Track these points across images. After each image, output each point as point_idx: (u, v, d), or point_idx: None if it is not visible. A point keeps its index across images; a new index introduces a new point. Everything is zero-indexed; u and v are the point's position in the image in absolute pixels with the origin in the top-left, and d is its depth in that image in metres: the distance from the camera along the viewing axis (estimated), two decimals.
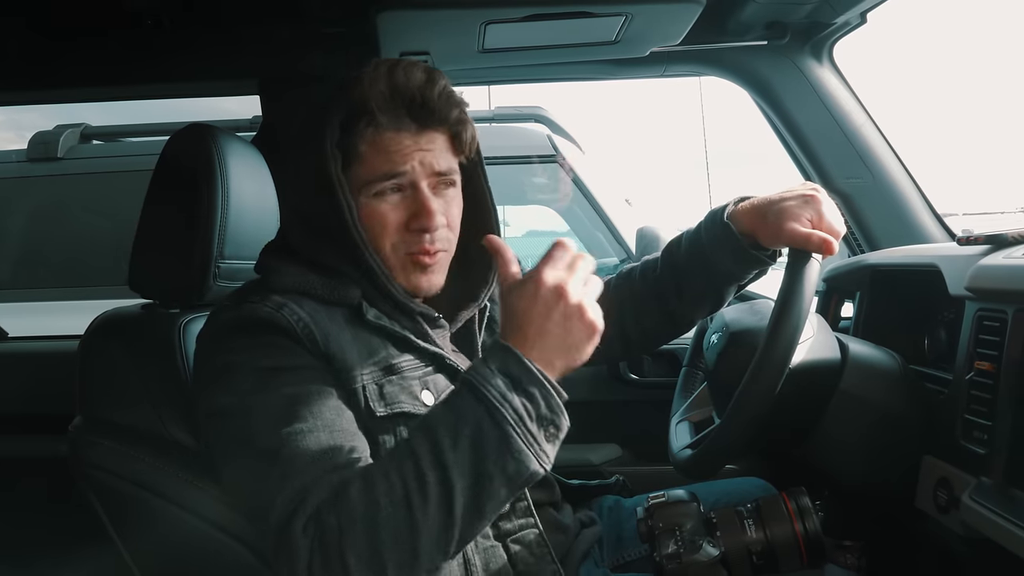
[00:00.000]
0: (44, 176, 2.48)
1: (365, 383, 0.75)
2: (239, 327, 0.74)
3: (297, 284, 0.77)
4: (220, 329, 0.76)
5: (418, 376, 0.80)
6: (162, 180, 0.91)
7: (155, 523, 0.82)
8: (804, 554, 0.80)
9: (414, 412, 0.77)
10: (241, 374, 0.72)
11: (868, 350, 0.97)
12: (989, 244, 0.95)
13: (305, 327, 0.74)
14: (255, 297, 0.76)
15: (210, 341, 0.77)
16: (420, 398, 0.78)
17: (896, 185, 1.40)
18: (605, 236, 2.41)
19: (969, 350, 0.89)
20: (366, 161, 0.78)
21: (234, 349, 0.73)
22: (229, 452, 0.71)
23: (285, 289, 0.77)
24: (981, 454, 0.83)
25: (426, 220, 0.78)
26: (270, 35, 1.29)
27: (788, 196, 0.84)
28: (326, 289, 0.78)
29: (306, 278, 0.78)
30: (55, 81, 1.36)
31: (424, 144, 0.78)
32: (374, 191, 0.79)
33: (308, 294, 0.77)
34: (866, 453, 0.94)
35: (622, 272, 1.05)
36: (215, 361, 0.75)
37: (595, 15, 1.11)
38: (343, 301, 0.78)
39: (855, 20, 1.31)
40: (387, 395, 0.76)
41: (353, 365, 0.75)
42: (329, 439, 0.69)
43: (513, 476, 0.63)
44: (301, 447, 0.67)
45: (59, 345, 1.59)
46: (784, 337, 0.77)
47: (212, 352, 0.76)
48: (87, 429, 0.86)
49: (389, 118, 0.77)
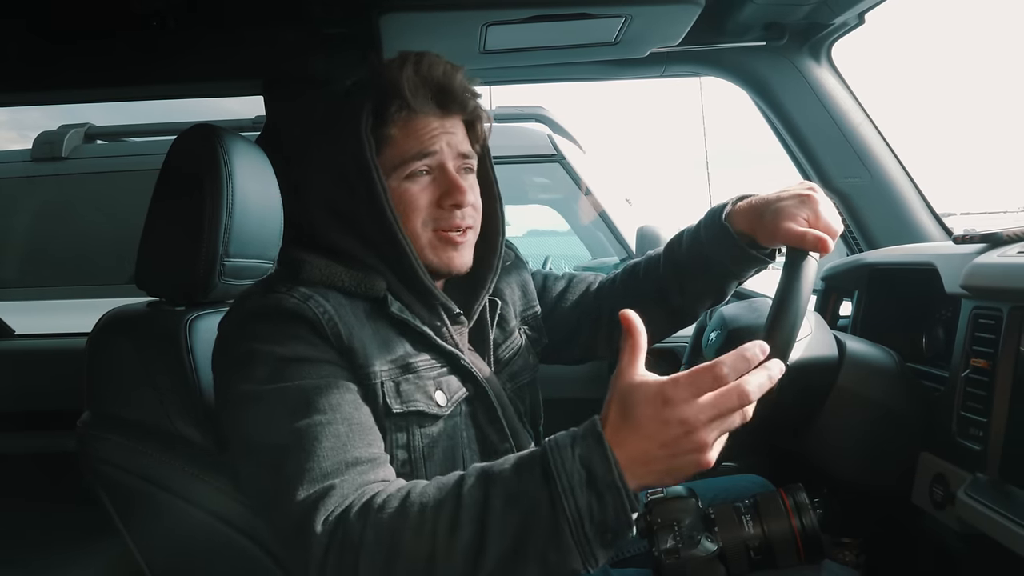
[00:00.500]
0: (49, 176, 2.49)
1: (383, 379, 0.77)
2: (264, 315, 0.75)
3: (324, 276, 0.78)
4: (245, 316, 0.77)
5: (432, 376, 0.81)
6: (168, 180, 0.92)
7: (163, 517, 0.83)
8: (801, 550, 0.81)
9: (427, 411, 0.79)
10: (262, 362, 0.72)
11: (865, 347, 0.98)
12: (985, 242, 0.96)
13: (330, 320, 0.75)
14: (282, 287, 0.77)
15: (234, 328, 0.77)
16: (434, 398, 0.80)
17: (894, 184, 1.41)
18: (606, 235, 2.42)
19: (965, 348, 0.90)
20: (397, 144, 0.81)
21: (257, 337, 0.74)
22: (247, 439, 0.72)
23: (312, 281, 0.78)
24: (977, 450, 0.84)
25: (459, 196, 0.81)
26: (273, 36, 1.30)
27: (785, 196, 0.85)
28: (353, 281, 0.79)
29: (333, 270, 0.79)
30: (60, 82, 1.37)
31: (448, 127, 0.83)
32: (406, 173, 0.81)
33: (334, 286, 0.78)
34: (863, 450, 0.95)
35: (626, 267, 1.07)
36: (237, 348, 0.75)
37: (595, 16, 1.12)
38: (369, 293, 0.79)
39: (853, 21, 1.32)
40: (403, 393, 0.78)
41: (373, 361, 0.76)
42: (348, 432, 0.70)
43: (552, 566, 0.59)
44: (321, 437, 0.68)
45: (64, 343, 1.60)
46: (782, 334, 0.78)
47: (235, 339, 0.76)
48: (95, 424, 0.87)
49: (419, 103, 0.81)
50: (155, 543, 0.85)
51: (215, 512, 0.81)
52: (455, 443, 0.82)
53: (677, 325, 1.05)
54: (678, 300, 0.99)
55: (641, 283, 1.03)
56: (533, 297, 1.04)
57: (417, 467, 0.78)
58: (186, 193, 0.90)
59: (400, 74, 0.80)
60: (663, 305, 1.01)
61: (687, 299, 0.99)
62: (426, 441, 0.79)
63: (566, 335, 1.06)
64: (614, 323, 1.04)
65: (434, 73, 0.82)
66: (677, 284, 0.99)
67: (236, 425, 0.73)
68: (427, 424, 0.79)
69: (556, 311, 1.06)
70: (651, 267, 1.02)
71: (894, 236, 1.39)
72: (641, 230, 1.80)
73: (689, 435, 0.57)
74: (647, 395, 0.59)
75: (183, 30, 1.25)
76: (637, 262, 1.06)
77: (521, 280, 1.03)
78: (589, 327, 1.05)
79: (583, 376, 1.55)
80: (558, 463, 0.60)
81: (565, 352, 1.07)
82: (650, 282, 1.01)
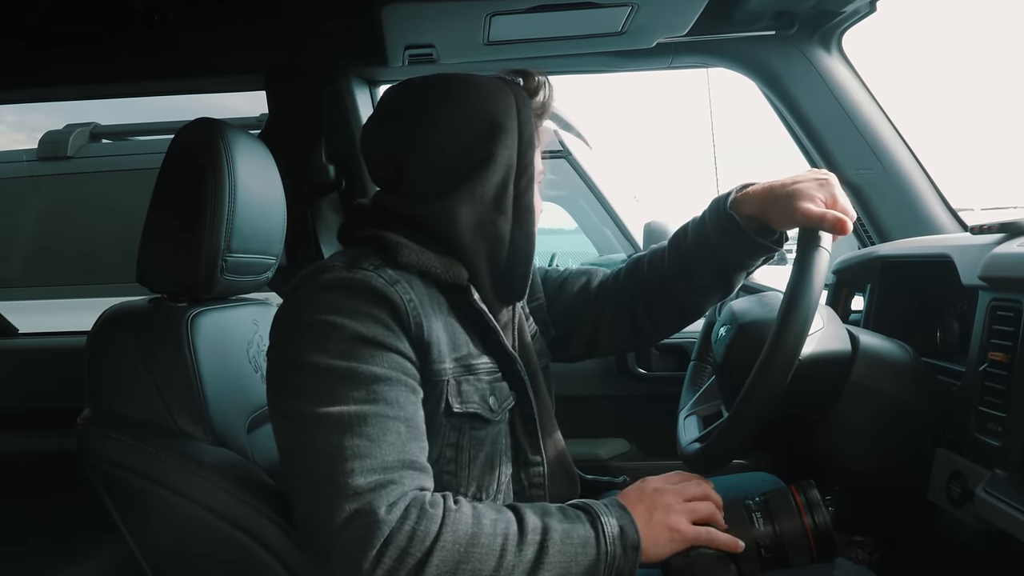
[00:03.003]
0: (54, 175, 2.50)
1: (449, 378, 0.76)
2: (348, 289, 0.71)
3: (418, 261, 0.76)
4: (322, 287, 0.72)
5: (488, 381, 0.80)
6: (169, 174, 0.92)
7: (163, 514, 0.82)
8: (814, 547, 0.79)
9: (482, 414, 0.78)
10: (338, 335, 0.69)
11: (879, 341, 0.96)
12: (1003, 232, 0.93)
13: (414, 308, 0.73)
14: (368, 265, 0.74)
15: (310, 295, 0.73)
16: (488, 402, 0.79)
17: (907, 176, 1.38)
18: (613, 232, 2.41)
19: (983, 341, 0.87)
20: (531, 146, 0.84)
21: (337, 309, 0.70)
22: (305, 411, 0.68)
23: (403, 265, 0.76)
24: (995, 446, 0.82)
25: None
26: (276, 30, 1.29)
27: (801, 179, 0.84)
28: (443, 267, 0.77)
29: (426, 256, 0.77)
30: (62, 79, 1.37)
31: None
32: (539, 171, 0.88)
33: (423, 272, 0.76)
34: (877, 446, 0.93)
35: (630, 262, 1.05)
36: (312, 316, 0.71)
37: (601, 5, 1.10)
38: (456, 280, 0.78)
39: (864, 8, 1.29)
40: (463, 393, 0.77)
41: (444, 357, 0.75)
42: (407, 432, 0.69)
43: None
44: (386, 429, 0.67)
45: (68, 341, 1.60)
46: (794, 328, 0.76)
47: (310, 307, 0.72)
48: (96, 422, 0.86)
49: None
50: (156, 540, 0.84)
51: (216, 509, 0.80)
52: (496, 450, 0.81)
53: (684, 321, 1.03)
54: (685, 294, 0.98)
55: (646, 278, 1.01)
56: (538, 288, 1.03)
57: (461, 467, 0.77)
58: (188, 188, 0.89)
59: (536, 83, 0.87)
60: (670, 299, 0.99)
61: (694, 292, 0.98)
62: (474, 443, 0.78)
63: (565, 332, 1.04)
64: (617, 318, 1.02)
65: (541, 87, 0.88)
66: (683, 277, 0.97)
67: (296, 395, 0.70)
68: (478, 428, 0.78)
69: (554, 308, 1.04)
70: (656, 261, 1.00)
71: (907, 229, 1.36)
72: (648, 226, 1.79)
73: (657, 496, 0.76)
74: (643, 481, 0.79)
75: (184, 26, 1.25)
76: (641, 256, 1.04)
77: None
78: (589, 323, 1.04)
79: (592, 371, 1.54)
80: (603, 514, 0.71)
81: (563, 348, 1.05)
82: (655, 277, 1.00)
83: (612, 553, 0.69)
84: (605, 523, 0.70)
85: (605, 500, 0.75)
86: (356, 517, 0.62)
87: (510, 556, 0.65)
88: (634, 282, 1.02)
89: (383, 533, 0.62)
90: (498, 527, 0.67)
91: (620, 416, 1.56)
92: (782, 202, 0.83)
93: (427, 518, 0.64)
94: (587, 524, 0.70)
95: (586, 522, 0.70)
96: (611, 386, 1.55)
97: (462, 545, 0.64)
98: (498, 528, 0.66)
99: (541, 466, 0.85)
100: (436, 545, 0.63)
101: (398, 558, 0.62)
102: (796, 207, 0.80)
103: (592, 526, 0.70)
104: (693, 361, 1.22)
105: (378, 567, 0.61)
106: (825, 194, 0.81)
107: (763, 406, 0.77)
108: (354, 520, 0.62)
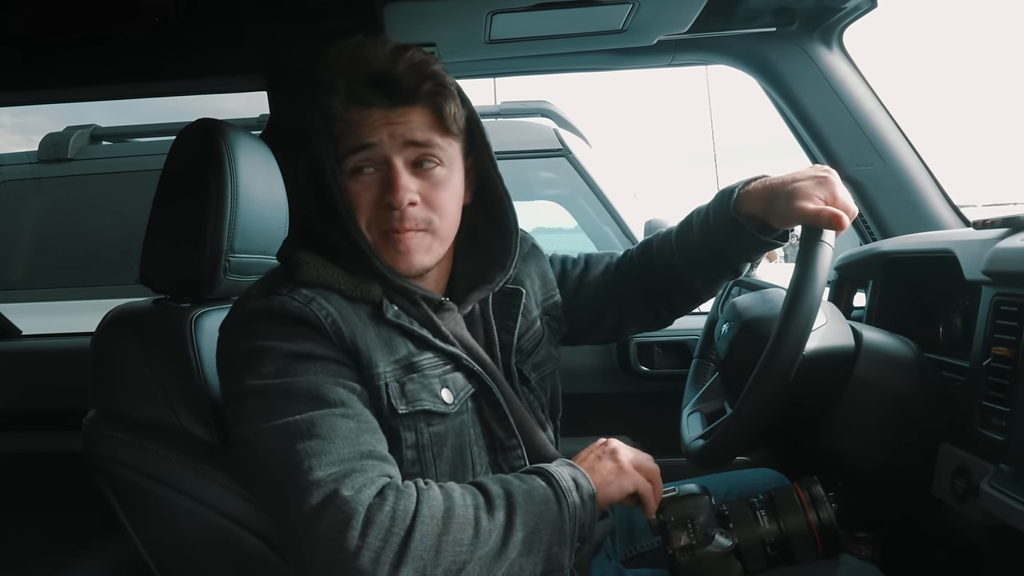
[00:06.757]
0: (55, 177, 2.50)
1: (388, 381, 0.76)
2: (269, 316, 0.74)
3: (322, 278, 0.77)
4: (247, 317, 0.75)
5: (438, 374, 0.79)
6: (171, 175, 0.92)
7: (169, 515, 0.82)
8: (819, 544, 0.80)
9: (434, 410, 0.78)
10: (269, 357, 0.71)
11: (882, 337, 0.96)
12: (1006, 227, 0.93)
13: (333, 323, 0.74)
14: (283, 289, 0.75)
15: (237, 328, 0.76)
16: (440, 396, 0.78)
17: (908, 172, 1.38)
18: (613, 230, 2.40)
19: (986, 336, 0.87)
20: (341, 138, 0.77)
21: (263, 335, 0.73)
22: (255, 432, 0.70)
23: (311, 283, 0.77)
24: (1000, 441, 0.82)
25: (392, 196, 0.76)
26: (276, 30, 1.28)
27: (800, 176, 0.84)
28: (350, 285, 0.78)
29: (330, 271, 0.78)
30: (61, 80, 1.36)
31: (395, 117, 0.77)
32: (351, 167, 0.77)
33: (333, 288, 0.77)
34: (881, 442, 0.93)
35: (641, 248, 1.06)
36: (242, 346, 0.73)
37: (602, 3, 1.10)
38: (365, 297, 0.78)
39: (865, 4, 1.29)
40: (408, 393, 0.77)
41: (376, 362, 0.75)
42: (358, 427, 0.70)
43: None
44: (336, 428, 0.68)
45: (72, 342, 1.60)
46: (797, 324, 0.76)
47: (238, 339, 0.75)
48: (101, 423, 0.86)
49: (358, 93, 0.76)
50: (162, 541, 0.84)
51: (222, 510, 0.80)
52: (463, 440, 0.80)
53: (698, 303, 1.07)
54: (694, 281, 1.01)
55: (657, 267, 1.03)
56: (553, 286, 1.02)
57: (427, 465, 0.77)
58: (190, 188, 0.89)
59: (336, 65, 0.76)
60: (682, 289, 1.03)
61: (702, 280, 1.01)
62: (435, 439, 0.78)
63: (594, 316, 1.05)
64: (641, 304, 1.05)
65: (377, 59, 0.75)
66: (691, 267, 0.99)
67: (244, 420, 0.72)
68: (435, 422, 0.78)
69: (581, 293, 1.04)
70: (665, 251, 1.02)
71: (909, 225, 1.36)
72: (649, 224, 1.78)
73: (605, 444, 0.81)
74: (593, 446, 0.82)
75: (184, 27, 1.25)
76: (649, 241, 1.05)
77: (540, 269, 1.01)
78: (615, 309, 1.05)
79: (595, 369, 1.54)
80: (555, 471, 0.74)
81: (594, 333, 1.08)
82: (667, 268, 1.02)
83: (572, 503, 0.72)
84: (559, 478, 0.73)
85: (556, 461, 0.79)
86: (325, 505, 0.64)
87: (484, 522, 0.67)
88: (649, 269, 1.03)
89: (359, 514, 0.63)
90: (467, 499, 0.69)
91: (623, 413, 1.56)
92: (781, 201, 0.83)
93: (404, 497, 0.66)
94: (543, 483, 0.73)
95: (542, 482, 0.73)
96: (614, 383, 1.55)
97: (439, 519, 0.66)
98: (467, 500, 0.69)
99: (519, 448, 0.83)
100: (416, 521, 0.65)
101: (383, 537, 0.63)
102: (794, 206, 0.81)
103: (548, 484, 0.73)
104: (696, 358, 1.22)
105: (364, 548, 0.62)
106: (824, 192, 0.81)
107: (766, 403, 0.77)
108: (324, 508, 0.64)
